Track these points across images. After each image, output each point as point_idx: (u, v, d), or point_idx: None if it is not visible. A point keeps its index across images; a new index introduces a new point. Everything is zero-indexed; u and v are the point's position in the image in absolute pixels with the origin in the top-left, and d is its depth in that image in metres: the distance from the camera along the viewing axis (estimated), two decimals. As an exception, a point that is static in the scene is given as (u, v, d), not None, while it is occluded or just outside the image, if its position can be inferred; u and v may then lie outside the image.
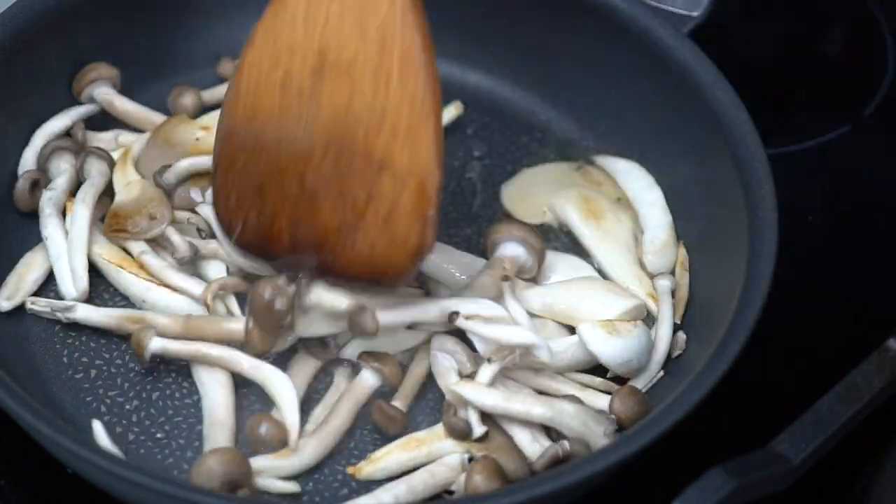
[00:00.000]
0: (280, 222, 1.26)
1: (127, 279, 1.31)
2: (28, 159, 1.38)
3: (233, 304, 1.31)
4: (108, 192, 1.37)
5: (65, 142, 1.38)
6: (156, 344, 1.24)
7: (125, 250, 1.33)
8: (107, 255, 1.31)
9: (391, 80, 1.18)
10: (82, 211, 1.31)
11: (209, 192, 1.33)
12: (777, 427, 1.16)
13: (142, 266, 1.31)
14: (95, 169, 1.35)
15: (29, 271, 1.32)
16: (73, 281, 1.29)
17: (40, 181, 1.35)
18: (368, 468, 1.21)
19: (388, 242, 1.22)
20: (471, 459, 1.21)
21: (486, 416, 1.22)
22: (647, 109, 1.45)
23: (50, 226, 1.32)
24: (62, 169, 1.37)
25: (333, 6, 1.18)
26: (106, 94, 1.42)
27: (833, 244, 1.48)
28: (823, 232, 1.48)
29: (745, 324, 1.18)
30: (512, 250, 1.33)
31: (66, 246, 1.30)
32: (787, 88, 1.63)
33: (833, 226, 1.50)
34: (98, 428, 1.22)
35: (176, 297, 1.30)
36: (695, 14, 1.50)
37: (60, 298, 1.29)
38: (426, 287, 1.34)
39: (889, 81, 1.63)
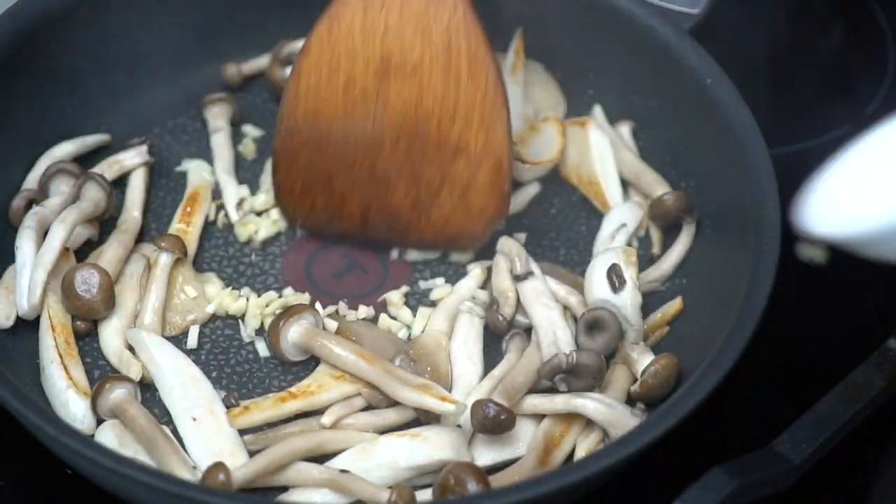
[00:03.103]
0: (351, 205, 1.35)
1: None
2: (31, 180, 1.38)
3: None
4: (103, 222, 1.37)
5: (69, 165, 1.38)
6: None
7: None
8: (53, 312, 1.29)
9: (461, 77, 1.28)
10: (59, 231, 1.30)
11: None
12: (777, 427, 1.16)
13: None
14: (90, 194, 1.34)
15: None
16: (27, 295, 1.27)
17: (37, 200, 1.35)
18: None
19: (464, 215, 1.33)
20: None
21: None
22: (648, 107, 1.46)
23: (24, 237, 1.31)
24: (61, 191, 1.37)
25: (392, 17, 1.27)
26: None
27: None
28: (823, 232, 1.48)
29: (747, 323, 1.18)
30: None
31: (32, 260, 1.29)
32: (787, 88, 1.63)
33: (833, 226, 1.49)
34: (103, 430, 1.22)
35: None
36: (695, 11, 1.50)
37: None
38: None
39: (889, 81, 1.63)
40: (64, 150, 1.41)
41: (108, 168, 1.41)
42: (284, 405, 1.23)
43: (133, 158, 1.42)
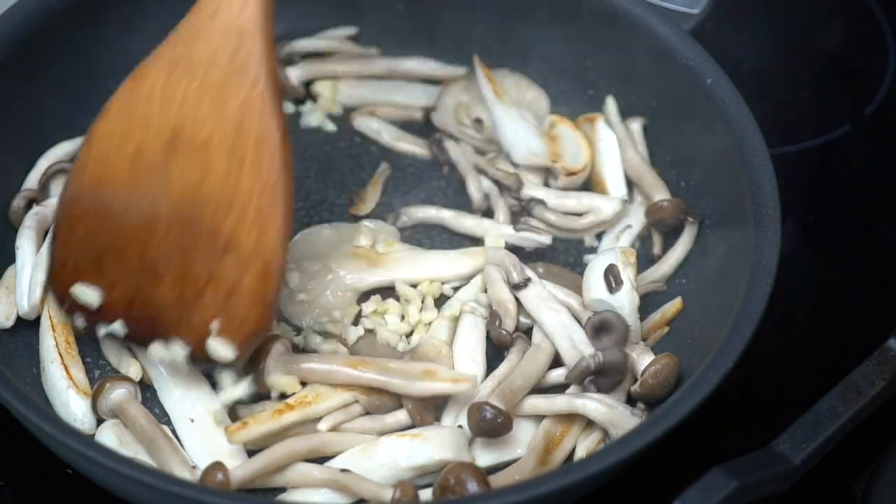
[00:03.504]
0: (116, 294, 1.23)
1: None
2: (31, 180, 1.38)
3: None
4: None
5: (70, 165, 1.37)
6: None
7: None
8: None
9: (245, 162, 1.18)
10: None
11: None
12: (777, 427, 1.16)
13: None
14: None
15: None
16: (27, 295, 1.27)
17: (37, 200, 1.35)
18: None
19: (225, 324, 1.20)
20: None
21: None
22: (648, 107, 1.46)
23: (24, 237, 1.31)
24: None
25: (193, 84, 1.19)
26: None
27: (833, 244, 1.48)
28: (823, 232, 1.48)
29: (747, 323, 1.18)
30: None
31: (32, 260, 1.29)
32: (787, 88, 1.63)
33: (833, 226, 1.50)
34: (103, 429, 1.22)
35: None
36: (695, 11, 1.50)
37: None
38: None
39: (889, 81, 1.63)
40: (64, 150, 1.41)
41: (108, 168, 1.41)
42: (282, 417, 1.21)
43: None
